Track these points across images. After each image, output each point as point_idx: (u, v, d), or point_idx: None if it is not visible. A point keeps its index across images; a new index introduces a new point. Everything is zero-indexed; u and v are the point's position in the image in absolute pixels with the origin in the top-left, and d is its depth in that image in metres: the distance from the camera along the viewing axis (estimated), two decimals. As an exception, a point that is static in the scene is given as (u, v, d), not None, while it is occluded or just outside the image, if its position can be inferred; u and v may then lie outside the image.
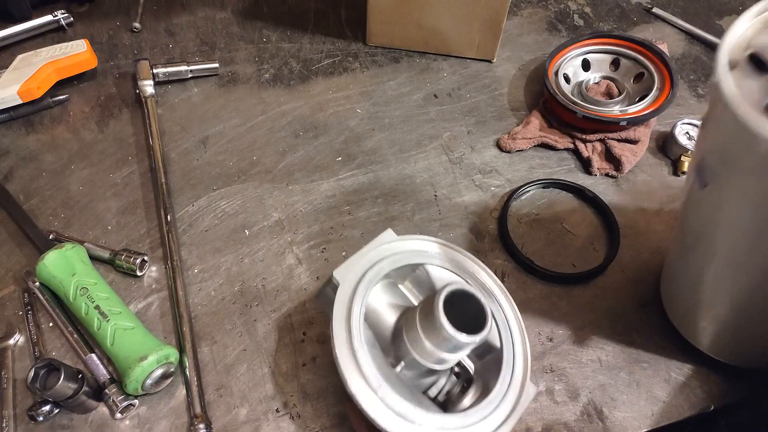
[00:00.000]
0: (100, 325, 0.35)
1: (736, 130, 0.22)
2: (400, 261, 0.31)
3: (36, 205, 0.44)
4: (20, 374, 0.36)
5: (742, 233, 0.27)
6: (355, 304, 0.28)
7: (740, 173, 0.24)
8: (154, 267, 0.41)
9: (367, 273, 0.30)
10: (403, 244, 0.32)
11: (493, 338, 0.31)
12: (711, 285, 0.32)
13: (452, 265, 0.32)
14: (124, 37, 0.55)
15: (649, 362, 0.38)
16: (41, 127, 0.49)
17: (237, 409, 0.35)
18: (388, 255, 0.31)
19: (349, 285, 0.29)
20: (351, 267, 0.30)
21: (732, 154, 0.24)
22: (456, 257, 0.33)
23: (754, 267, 0.28)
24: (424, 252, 0.32)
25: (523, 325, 0.32)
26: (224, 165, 0.47)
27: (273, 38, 0.56)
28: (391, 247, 0.31)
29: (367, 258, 0.31)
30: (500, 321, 0.31)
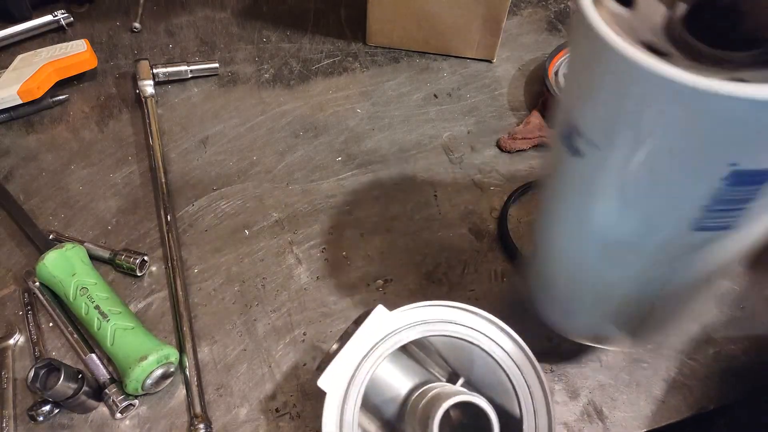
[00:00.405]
0: (100, 325, 0.35)
1: (622, 72, 0.17)
2: (396, 343, 0.27)
3: (36, 204, 0.44)
4: (20, 374, 0.36)
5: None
6: (347, 413, 0.25)
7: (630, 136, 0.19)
8: (154, 267, 0.41)
9: (358, 369, 0.26)
10: (398, 318, 0.27)
11: (512, 406, 0.27)
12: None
13: (457, 330, 0.27)
14: (124, 37, 0.55)
15: (649, 362, 0.38)
16: (41, 127, 0.49)
17: (237, 408, 0.35)
18: (381, 339, 0.27)
19: (338, 393, 0.25)
20: (337, 370, 0.26)
21: (618, 109, 0.19)
22: (462, 318, 0.28)
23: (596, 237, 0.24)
24: (424, 322, 0.27)
25: (548, 389, 0.27)
26: (224, 165, 0.47)
27: (273, 38, 0.57)
28: (383, 328, 0.27)
29: (357, 351, 0.26)
30: (518, 385, 0.26)
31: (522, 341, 0.27)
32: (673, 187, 0.20)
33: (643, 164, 0.19)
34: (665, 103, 0.17)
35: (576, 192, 0.23)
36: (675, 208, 0.20)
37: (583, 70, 0.20)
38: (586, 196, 0.23)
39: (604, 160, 0.20)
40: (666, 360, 0.38)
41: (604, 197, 0.22)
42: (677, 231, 0.21)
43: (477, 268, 0.42)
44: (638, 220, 0.22)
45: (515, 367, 0.27)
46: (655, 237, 0.22)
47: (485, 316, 0.28)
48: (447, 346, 0.28)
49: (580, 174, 0.22)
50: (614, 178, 0.21)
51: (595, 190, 0.22)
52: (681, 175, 0.19)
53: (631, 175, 0.20)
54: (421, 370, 0.28)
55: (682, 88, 0.16)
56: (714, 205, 0.19)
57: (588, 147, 0.20)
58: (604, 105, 0.19)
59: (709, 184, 0.18)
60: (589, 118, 0.20)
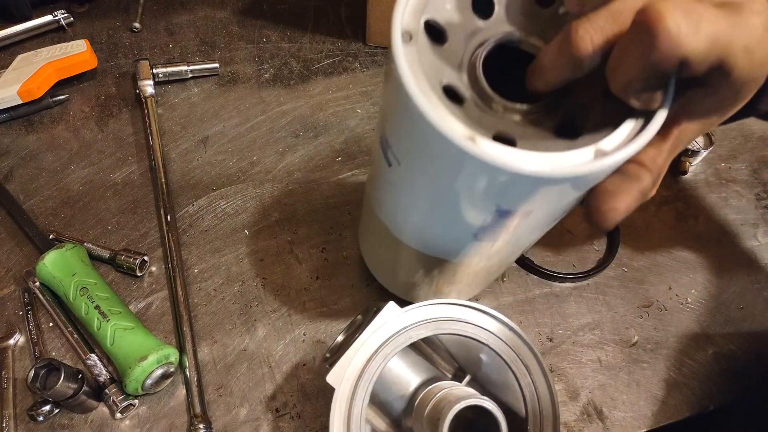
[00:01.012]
0: (100, 325, 0.35)
1: (411, 115, 0.18)
2: (406, 340, 0.27)
3: (36, 204, 0.44)
4: (20, 374, 0.36)
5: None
6: (355, 409, 0.25)
7: (418, 158, 0.21)
8: (154, 267, 0.41)
9: (368, 366, 0.25)
10: (408, 316, 0.27)
11: (518, 405, 0.27)
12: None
13: (466, 329, 0.28)
14: (123, 37, 0.55)
15: (649, 362, 0.38)
16: (41, 127, 0.49)
17: (237, 408, 0.35)
18: (391, 335, 0.27)
19: (347, 389, 0.25)
20: (346, 366, 0.26)
21: (410, 140, 0.20)
22: (470, 317, 0.28)
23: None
24: (433, 320, 0.27)
25: (554, 388, 0.27)
26: (224, 165, 0.47)
27: (273, 38, 0.56)
28: (394, 325, 0.27)
29: (367, 347, 0.26)
30: (524, 385, 0.27)
31: (531, 342, 0.27)
32: (456, 214, 0.22)
33: (431, 187, 0.22)
34: (437, 148, 0.19)
35: (388, 190, 0.26)
36: (457, 227, 0.23)
37: (388, 93, 0.21)
38: (396, 196, 0.25)
39: (405, 174, 0.23)
40: (666, 360, 0.38)
41: (406, 199, 0.24)
42: (461, 238, 0.25)
43: (477, 268, 0.42)
44: (436, 228, 0.25)
45: (523, 367, 0.27)
46: (447, 239, 0.25)
47: (495, 315, 0.28)
48: (455, 344, 0.28)
49: (390, 178, 0.24)
50: (412, 189, 0.23)
51: (399, 193, 0.25)
52: (460, 206, 0.22)
53: (425, 193, 0.22)
54: (428, 366, 0.28)
55: (443, 140, 0.18)
56: (481, 231, 0.23)
57: (394, 159, 0.22)
58: (400, 128, 0.21)
59: (480, 216, 0.22)
60: (393, 135, 0.22)
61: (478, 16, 0.21)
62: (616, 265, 0.43)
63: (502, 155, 0.18)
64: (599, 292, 0.41)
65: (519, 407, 0.26)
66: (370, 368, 0.26)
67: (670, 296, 0.41)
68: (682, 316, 0.41)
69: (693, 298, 0.42)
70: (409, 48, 0.19)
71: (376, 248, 0.35)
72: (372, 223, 0.31)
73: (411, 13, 0.20)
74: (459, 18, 0.21)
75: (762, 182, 0.49)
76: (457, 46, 0.20)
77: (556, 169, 0.18)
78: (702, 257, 0.44)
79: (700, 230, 0.45)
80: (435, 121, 0.18)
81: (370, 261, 0.38)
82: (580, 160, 0.18)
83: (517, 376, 0.26)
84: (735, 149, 0.51)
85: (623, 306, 0.41)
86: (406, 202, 0.25)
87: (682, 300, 0.41)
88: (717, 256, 0.44)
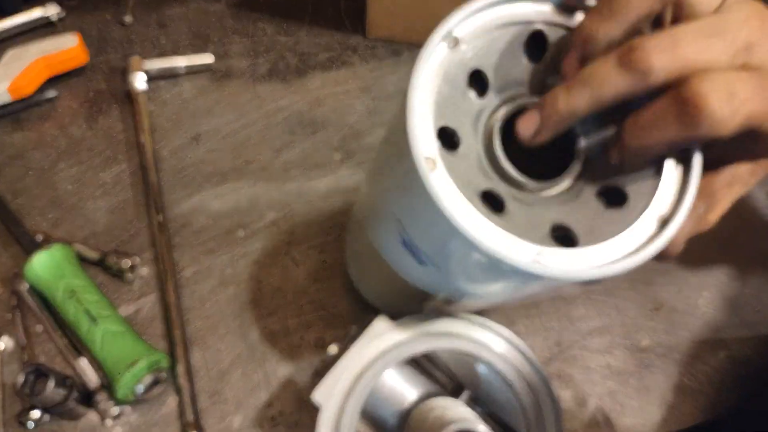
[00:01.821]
0: (89, 328, 0.34)
1: (463, 247, 0.17)
2: (397, 356, 0.25)
3: (23, 204, 0.43)
4: (8, 379, 0.35)
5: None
6: (343, 429, 0.24)
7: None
8: (145, 269, 0.40)
9: (357, 383, 0.24)
10: (401, 330, 0.26)
11: (519, 427, 0.26)
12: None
13: (463, 345, 0.26)
14: (114, 31, 0.54)
15: (660, 367, 0.37)
16: (28, 124, 0.47)
17: (231, 416, 0.34)
18: (382, 351, 0.25)
19: (334, 407, 0.24)
20: (333, 383, 0.24)
21: (457, 260, 0.19)
22: (466, 330, 0.27)
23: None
24: (426, 333, 0.26)
25: (560, 409, 0.26)
26: (218, 162, 0.46)
27: (268, 31, 0.55)
28: (384, 339, 0.26)
29: (356, 363, 0.25)
30: (526, 403, 0.25)
31: (534, 357, 0.26)
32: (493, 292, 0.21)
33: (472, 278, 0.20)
34: (497, 269, 0.18)
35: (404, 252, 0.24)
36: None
37: (422, 212, 0.19)
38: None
39: (438, 270, 0.21)
40: (677, 365, 0.37)
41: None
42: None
43: (480, 269, 0.41)
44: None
45: (525, 384, 0.25)
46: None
47: (493, 328, 0.26)
48: (453, 358, 0.27)
49: (414, 267, 0.22)
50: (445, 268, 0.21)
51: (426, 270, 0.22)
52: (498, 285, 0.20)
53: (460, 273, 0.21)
54: (425, 381, 0.27)
55: (508, 266, 0.17)
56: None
57: (426, 259, 0.21)
58: (443, 248, 0.19)
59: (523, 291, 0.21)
60: (428, 246, 0.20)
61: (476, 95, 0.19)
62: (625, 265, 0.41)
63: (570, 265, 0.17)
64: (608, 295, 0.40)
65: (520, 428, 0.25)
66: (360, 385, 0.25)
67: (681, 298, 0.40)
68: (694, 319, 0.39)
69: (705, 300, 0.40)
70: (437, 174, 0.17)
71: (376, 284, 0.32)
72: (370, 257, 0.29)
73: (424, 134, 0.18)
74: (463, 107, 0.19)
75: (777, 179, 0.47)
76: (469, 142, 0.19)
77: (631, 261, 0.17)
78: (714, 257, 0.42)
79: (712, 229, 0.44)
80: (499, 252, 0.16)
81: (365, 290, 0.36)
82: (645, 234, 0.18)
83: (518, 395, 0.25)
84: (749, 144, 0.49)
85: (633, 309, 0.39)
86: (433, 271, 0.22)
87: (693, 302, 0.40)
88: (730, 256, 0.42)
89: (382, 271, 0.27)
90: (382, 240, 0.24)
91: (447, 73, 0.19)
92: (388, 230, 0.22)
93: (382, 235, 0.24)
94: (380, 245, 0.25)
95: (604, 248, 0.17)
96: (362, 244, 0.30)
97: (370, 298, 0.35)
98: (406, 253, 0.22)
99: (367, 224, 0.26)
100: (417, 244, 0.20)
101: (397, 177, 0.20)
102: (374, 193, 0.24)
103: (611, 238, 0.17)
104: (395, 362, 0.25)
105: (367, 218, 0.26)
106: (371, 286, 0.34)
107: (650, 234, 0.18)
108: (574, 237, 0.18)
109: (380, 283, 0.31)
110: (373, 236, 0.25)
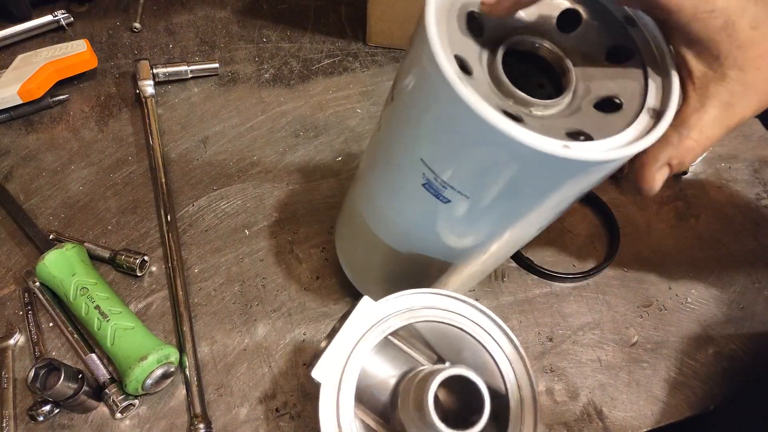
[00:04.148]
0: (100, 324, 0.35)
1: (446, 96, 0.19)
2: (384, 331, 0.27)
3: (36, 204, 0.44)
4: (20, 374, 0.36)
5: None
6: (342, 403, 0.26)
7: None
8: (154, 267, 0.41)
9: (350, 359, 0.26)
10: (383, 307, 0.28)
11: (498, 383, 0.28)
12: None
13: (442, 315, 0.29)
14: (123, 37, 0.55)
15: (649, 362, 0.38)
16: (41, 127, 0.49)
17: (237, 408, 0.35)
18: (369, 328, 0.27)
19: (332, 383, 0.26)
20: (329, 362, 0.26)
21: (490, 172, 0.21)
22: (444, 304, 0.29)
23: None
24: (409, 310, 0.28)
25: (529, 363, 0.28)
26: (224, 165, 0.47)
27: (273, 37, 0.56)
28: (371, 317, 0.28)
29: (347, 343, 0.27)
30: (501, 362, 0.28)
31: (502, 322, 0.28)
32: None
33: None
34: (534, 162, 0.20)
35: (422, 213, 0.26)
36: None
37: (454, 132, 0.21)
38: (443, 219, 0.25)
39: (472, 205, 0.23)
40: (666, 360, 0.38)
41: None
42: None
43: (477, 267, 0.42)
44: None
45: (497, 345, 0.28)
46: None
47: (467, 301, 0.29)
48: (432, 333, 0.29)
49: (443, 210, 0.25)
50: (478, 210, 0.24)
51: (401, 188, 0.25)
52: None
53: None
54: (407, 358, 0.29)
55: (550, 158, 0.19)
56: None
57: (455, 194, 0.23)
58: (477, 166, 0.21)
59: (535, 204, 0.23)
60: (459, 170, 0.22)
61: (475, 35, 0.22)
62: (616, 264, 0.43)
63: (596, 150, 0.19)
64: (599, 292, 0.41)
65: (500, 386, 0.27)
66: (352, 362, 0.27)
67: (670, 296, 0.41)
68: (683, 316, 0.41)
69: (693, 297, 0.42)
70: (466, 85, 0.19)
71: (364, 261, 0.34)
72: (364, 237, 0.31)
73: (446, 56, 0.20)
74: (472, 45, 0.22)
75: (762, 182, 0.49)
76: (478, 71, 0.21)
77: (645, 142, 0.20)
78: (702, 257, 0.44)
79: (701, 230, 0.45)
80: (534, 144, 0.18)
81: (353, 273, 0.37)
82: (645, 127, 0.20)
83: (493, 356, 0.27)
84: (735, 149, 0.51)
85: (623, 306, 0.41)
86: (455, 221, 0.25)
87: (682, 300, 0.41)
88: (717, 255, 0.44)
89: (378, 251, 0.29)
90: (397, 200, 0.27)
91: (450, 12, 0.21)
92: (406, 181, 0.24)
93: (397, 194, 0.26)
94: (394, 208, 0.27)
95: (617, 140, 0.20)
96: (358, 229, 0.32)
97: (367, 290, 0.37)
98: (427, 199, 0.24)
99: (372, 197, 0.29)
100: (444, 173, 0.22)
101: (421, 109, 0.21)
102: (386, 154, 0.26)
103: (619, 133, 0.20)
104: (381, 337, 0.27)
105: (370, 192, 0.29)
106: (368, 274, 0.35)
107: (649, 126, 0.21)
108: (587, 136, 0.20)
109: (378, 266, 0.33)
110: (383, 204, 0.28)
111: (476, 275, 0.33)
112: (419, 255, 0.29)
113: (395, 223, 0.29)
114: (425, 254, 0.29)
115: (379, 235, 0.30)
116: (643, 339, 0.39)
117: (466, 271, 0.31)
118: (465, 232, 0.26)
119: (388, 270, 0.33)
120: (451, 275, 0.31)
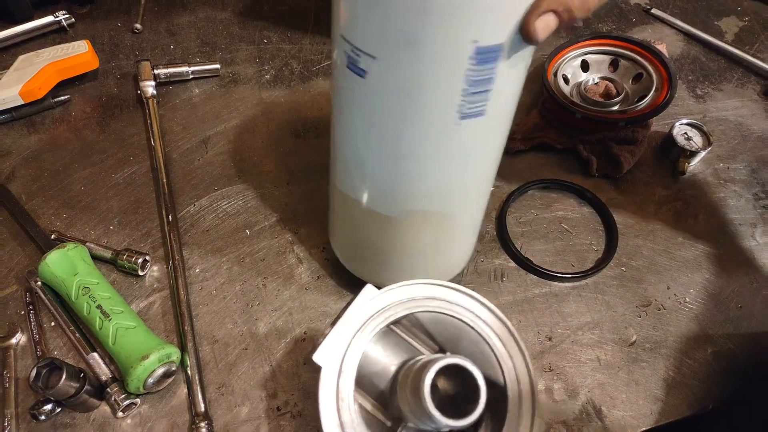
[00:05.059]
0: (102, 324, 0.35)
1: None
2: (386, 319, 0.28)
3: (38, 204, 0.44)
4: (22, 373, 0.36)
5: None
6: (342, 387, 0.26)
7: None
8: (156, 266, 0.41)
9: (351, 345, 0.27)
10: (386, 296, 0.29)
11: (497, 375, 0.28)
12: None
13: (444, 306, 0.29)
14: (125, 38, 0.55)
15: (648, 361, 0.38)
16: (43, 128, 0.49)
17: (238, 407, 0.35)
18: (371, 315, 0.28)
19: (333, 368, 0.26)
20: (331, 346, 0.27)
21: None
22: (446, 295, 0.29)
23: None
24: (411, 300, 0.29)
25: (528, 357, 0.28)
26: (225, 165, 0.47)
27: (273, 39, 0.57)
28: (373, 304, 0.28)
29: (349, 329, 0.27)
30: (500, 355, 0.28)
31: (503, 315, 0.28)
32: (438, 77, 0.23)
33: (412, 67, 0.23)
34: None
35: (362, 105, 0.27)
36: (444, 98, 0.24)
37: None
38: (372, 103, 0.26)
39: (384, 72, 0.24)
40: (665, 359, 0.38)
41: (388, 102, 0.25)
42: (447, 122, 0.25)
43: (477, 267, 0.43)
44: (416, 119, 0.25)
45: (497, 338, 0.28)
46: (430, 133, 0.26)
47: (468, 293, 0.29)
48: (433, 322, 0.29)
49: (362, 91, 0.26)
50: (393, 85, 0.24)
51: (378, 101, 0.26)
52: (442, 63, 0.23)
53: (406, 78, 0.24)
54: (408, 347, 0.29)
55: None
56: (470, 87, 0.23)
57: (367, 62, 0.23)
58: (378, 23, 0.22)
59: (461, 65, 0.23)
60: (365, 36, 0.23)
61: None
62: (614, 264, 0.43)
63: None
64: (598, 292, 0.42)
65: (498, 378, 0.27)
66: (353, 347, 0.27)
67: (669, 296, 0.42)
68: (681, 316, 0.41)
69: (692, 297, 0.42)
70: None
71: (350, 236, 0.35)
72: (346, 211, 0.33)
73: None
74: None
75: (760, 182, 0.49)
76: None
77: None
78: (700, 257, 0.44)
79: (699, 230, 0.46)
80: None
81: (345, 255, 0.39)
82: None
83: (493, 349, 0.27)
84: (733, 149, 0.51)
85: (622, 305, 0.41)
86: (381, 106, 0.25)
87: (680, 299, 0.42)
88: (715, 255, 0.44)
89: (359, 218, 0.31)
90: (347, 134, 0.29)
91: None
92: (340, 61, 0.26)
93: (344, 127, 0.28)
94: (347, 145, 0.29)
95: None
96: (339, 206, 0.33)
97: (367, 277, 0.38)
98: (351, 77, 0.25)
99: (335, 156, 0.32)
100: (356, 41, 0.23)
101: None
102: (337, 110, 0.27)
103: None
104: (383, 325, 0.28)
105: (336, 153, 0.32)
106: (359, 254, 0.36)
107: None
108: None
109: (365, 238, 0.34)
110: (343, 152, 0.30)
111: (464, 234, 0.34)
112: (391, 205, 0.30)
113: (356, 164, 0.30)
114: (396, 203, 0.30)
115: (354, 197, 0.32)
116: (642, 338, 0.39)
117: (451, 224, 0.32)
118: (401, 131, 0.26)
119: (374, 240, 0.34)
120: (437, 236, 0.32)
